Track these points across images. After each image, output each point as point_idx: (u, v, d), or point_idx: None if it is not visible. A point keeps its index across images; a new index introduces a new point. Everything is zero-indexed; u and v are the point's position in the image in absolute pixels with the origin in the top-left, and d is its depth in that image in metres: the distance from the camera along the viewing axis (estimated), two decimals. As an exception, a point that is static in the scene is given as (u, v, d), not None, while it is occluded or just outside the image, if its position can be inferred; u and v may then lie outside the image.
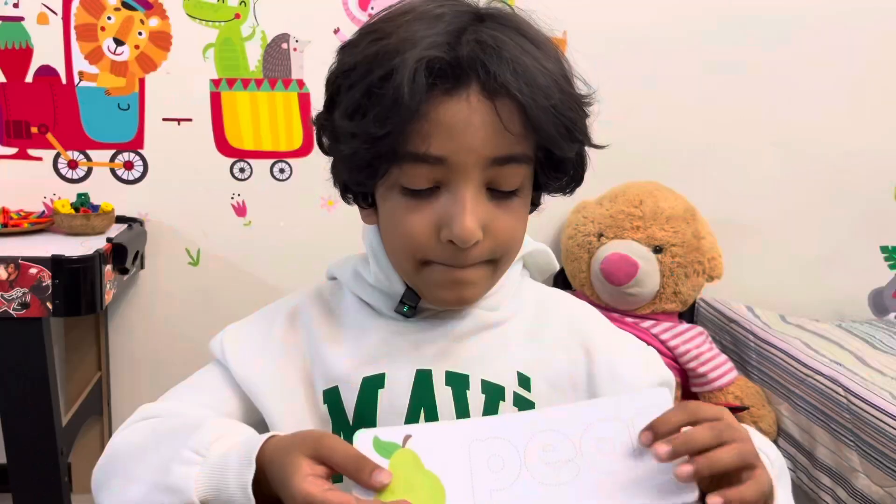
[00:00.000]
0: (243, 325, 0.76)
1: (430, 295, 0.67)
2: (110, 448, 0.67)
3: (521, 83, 0.58)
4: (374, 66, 0.59)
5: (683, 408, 0.55)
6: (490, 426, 0.57)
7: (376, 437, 0.56)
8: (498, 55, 0.58)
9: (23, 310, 1.39)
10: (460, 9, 0.62)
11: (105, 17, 1.75)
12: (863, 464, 1.27)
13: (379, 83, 0.58)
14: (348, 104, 0.60)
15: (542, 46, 0.62)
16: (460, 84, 0.58)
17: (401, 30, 0.59)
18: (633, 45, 1.84)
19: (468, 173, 0.60)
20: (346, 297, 0.74)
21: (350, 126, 0.60)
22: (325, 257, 2.11)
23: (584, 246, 1.70)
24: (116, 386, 1.89)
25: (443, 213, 0.61)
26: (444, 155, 0.59)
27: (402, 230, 0.63)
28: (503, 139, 0.59)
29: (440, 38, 0.58)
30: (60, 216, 1.65)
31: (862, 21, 1.89)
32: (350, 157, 0.62)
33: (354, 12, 1.80)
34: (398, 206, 0.63)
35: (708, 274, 1.71)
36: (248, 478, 0.56)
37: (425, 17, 0.60)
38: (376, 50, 0.59)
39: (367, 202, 0.68)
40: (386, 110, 0.58)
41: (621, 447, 0.55)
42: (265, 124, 1.82)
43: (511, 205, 0.63)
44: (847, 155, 1.94)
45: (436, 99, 0.58)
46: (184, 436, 0.61)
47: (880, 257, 2.01)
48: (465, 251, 0.62)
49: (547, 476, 0.55)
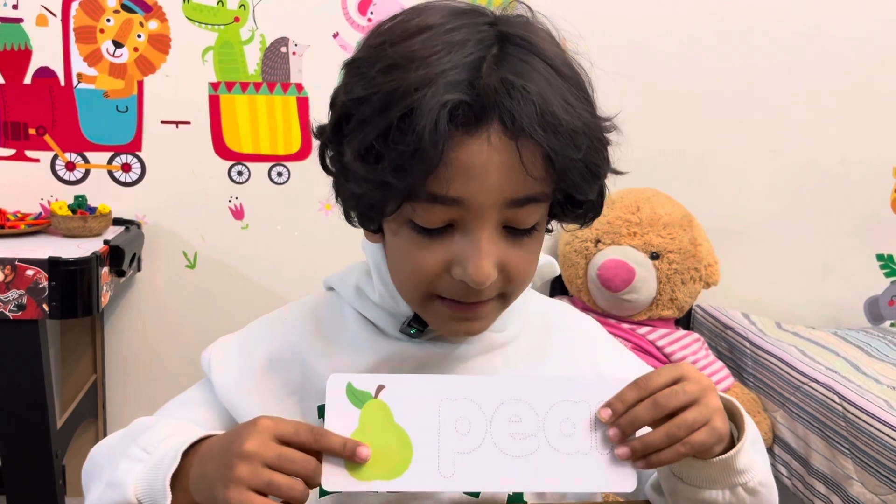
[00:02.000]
0: (233, 342, 0.74)
1: (438, 326, 0.66)
2: (90, 455, 0.69)
3: (548, 130, 0.54)
4: (389, 104, 0.54)
5: (636, 384, 0.57)
6: (463, 386, 0.58)
7: (350, 383, 0.57)
8: (522, 94, 0.54)
9: (19, 311, 1.39)
10: (480, 27, 0.57)
11: (104, 20, 1.75)
12: (858, 471, 1.27)
13: (396, 126, 0.53)
14: (361, 144, 0.55)
15: (567, 75, 0.58)
16: (481, 124, 0.54)
17: (416, 61, 0.54)
18: (631, 51, 1.85)
19: (485, 214, 0.57)
20: (345, 313, 0.72)
21: (363, 170, 0.56)
22: (322, 261, 2.11)
23: (580, 252, 1.70)
24: (112, 388, 1.89)
25: (456, 252, 0.58)
26: (463, 197, 0.56)
27: (412, 265, 0.60)
28: (523, 181, 0.56)
29: (461, 75, 0.54)
30: (57, 218, 1.65)
31: (860, 29, 1.90)
32: (359, 195, 0.58)
33: (354, 17, 1.80)
34: (408, 240, 0.60)
35: (704, 280, 1.72)
36: (170, 471, 0.56)
37: (442, 41, 0.55)
38: (391, 85, 0.54)
39: (371, 228, 0.65)
40: (404, 158, 0.53)
41: (580, 429, 0.57)
42: (264, 128, 1.83)
43: (526, 242, 0.61)
44: (844, 163, 1.95)
45: (455, 140, 0.54)
46: (139, 434, 0.62)
47: (876, 265, 2.02)
48: (476, 289, 0.59)
49: (509, 447, 0.56)
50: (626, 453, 0.56)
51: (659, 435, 0.56)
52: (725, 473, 0.61)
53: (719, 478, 0.61)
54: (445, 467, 0.55)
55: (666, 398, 0.56)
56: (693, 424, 0.56)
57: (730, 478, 0.61)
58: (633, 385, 0.57)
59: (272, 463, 0.52)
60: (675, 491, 0.64)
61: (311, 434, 0.54)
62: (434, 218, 0.57)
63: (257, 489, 0.52)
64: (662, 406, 0.56)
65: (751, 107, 1.91)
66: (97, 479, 0.64)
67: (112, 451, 0.65)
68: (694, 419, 0.56)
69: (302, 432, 0.54)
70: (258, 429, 0.54)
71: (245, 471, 0.52)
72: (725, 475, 0.61)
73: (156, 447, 0.60)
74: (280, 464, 0.52)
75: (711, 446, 0.58)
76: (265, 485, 0.52)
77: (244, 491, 0.51)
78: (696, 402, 0.57)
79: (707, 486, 0.62)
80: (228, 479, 0.52)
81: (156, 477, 0.58)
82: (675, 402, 0.56)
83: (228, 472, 0.52)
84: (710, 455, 0.59)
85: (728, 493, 0.62)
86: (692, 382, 0.57)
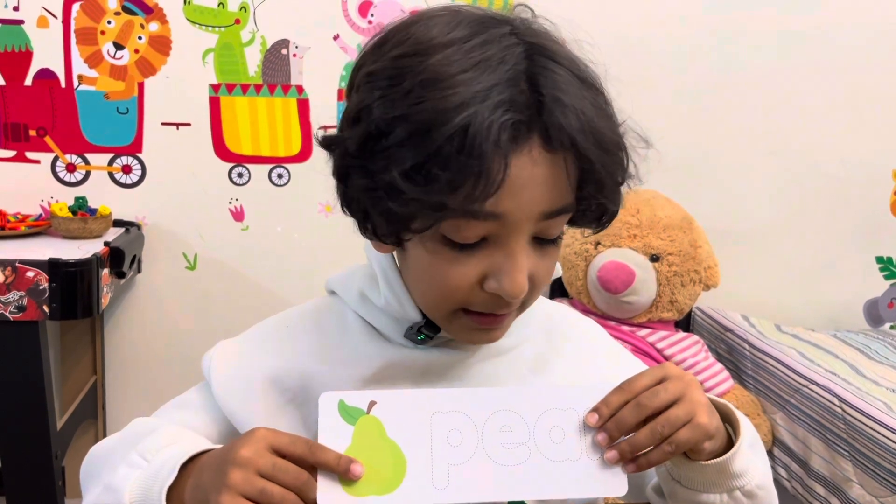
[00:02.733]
0: (234, 348, 0.73)
1: (460, 337, 0.65)
2: (88, 455, 0.69)
3: (594, 142, 0.55)
4: (433, 124, 0.52)
5: (620, 388, 0.58)
6: (453, 399, 0.58)
7: (342, 400, 0.57)
8: (563, 108, 0.54)
9: (19, 313, 1.39)
10: (504, 39, 0.56)
11: (105, 22, 1.75)
12: (857, 474, 1.27)
13: (447, 147, 0.52)
14: (407, 164, 0.53)
15: (589, 82, 0.58)
16: (522, 139, 0.54)
17: (449, 78, 0.53)
18: (630, 54, 1.85)
19: (522, 228, 0.57)
20: (348, 319, 0.71)
21: (413, 190, 0.53)
22: (322, 263, 2.11)
23: (580, 254, 1.71)
24: (112, 390, 1.89)
25: (490, 266, 0.58)
26: (503, 212, 0.55)
27: (442, 280, 0.59)
28: (560, 193, 0.56)
29: (504, 93, 0.53)
30: (58, 219, 1.65)
31: (859, 32, 1.90)
32: (405, 215, 0.56)
33: (354, 19, 1.81)
34: (439, 255, 0.58)
35: (704, 283, 1.72)
36: (167, 483, 0.56)
37: (472, 57, 0.54)
38: (430, 105, 0.53)
39: (390, 241, 0.61)
40: (464, 178, 0.52)
41: (570, 436, 0.58)
42: (264, 129, 1.83)
43: (550, 250, 0.61)
44: (843, 165, 1.95)
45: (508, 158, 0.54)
46: (139, 440, 0.62)
47: (875, 268, 2.02)
48: (508, 301, 0.59)
49: (501, 456, 0.57)
50: (615, 456, 0.56)
51: (644, 434, 0.56)
52: (722, 477, 0.61)
53: (716, 481, 0.61)
54: (439, 479, 0.56)
55: (648, 398, 0.57)
56: (676, 421, 0.56)
57: (726, 481, 0.61)
58: (617, 389, 0.58)
59: (266, 472, 0.52)
60: (673, 494, 0.64)
61: (306, 447, 0.54)
62: (471, 233, 0.57)
63: (249, 497, 0.52)
64: (645, 406, 0.56)
65: (750, 109, 1.91)
66: (95, 480, 0.64)
67: (111, 454, 0.65)
68: (677, 416, 0.56)
69: (298, 445, 0.54)
70: (255, 438, 0.54)
71: (238, 477, 0.52)
72: (722, 478, 0.61)
73: (154, 455, 0.60)
74: (273, 473, 0.53)
75: (699, 443, 0.58)
76: (258, 493, 0.52)
77: (236, 497, 0.51)
78: (680, 400, 0.57)
79: (704, 489, 0.62)
80: (221, 485, 0.52)
81: (152, 487, 0.58)
82: (657, 402, 0.57)
83: (222, 477, 0.52)
84: (701, 454, 0.59)
85: (725, 497, 0.62)
86: (674, 380, 0.58)
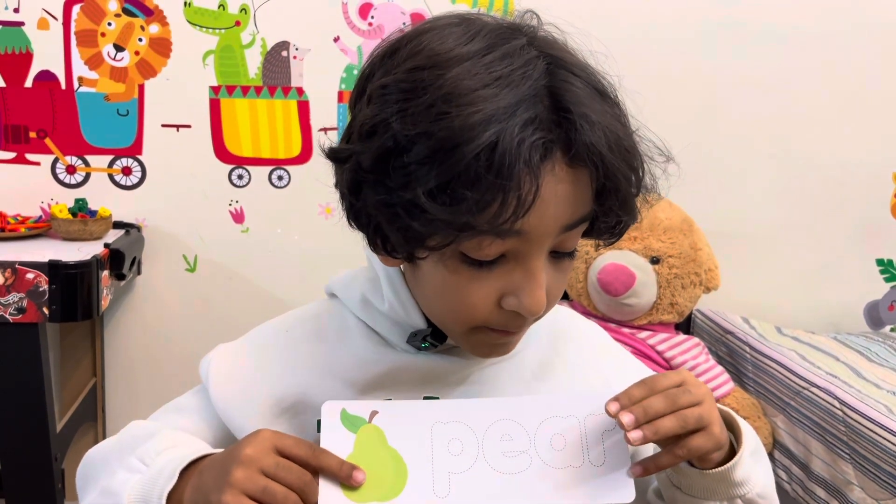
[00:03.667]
0: (232, 352, 0.73)
1: (476, 352, 0.65)
2: (84, 458, 0.69)
3: (622, 157, 0.55)
4: (457, 143, 0.51)
5: (643, 382, 0.58)
6: (453, 409, 0.59)
7: (344, 409, 0.58)
8: (588, 123, 0.53)
9: (19, 315, 1.39)
10: (520, 51, 0.55)
11: (105, 23, 1.75)
12: (858, 476, 1.27)
13: (474, 167, 0.50)
14: (429, 182, 0.51)
15: (603, 92, 0.58)
16: (548, 156, 0.53)
17: (470, 94, 0.52)
18: (629, 55, 1.85)
19: (543, 244, 0.56)
20: (349, 323, 0.70)
21: (437, 210, 0.52)
22: (322, 265, 2.10)
23: (580, 256, 1.70)
24: (111, 392, 1.89)
25: (508, 282, 0.57)
26: (527, 230, 0.54)
27: (461, 300, 0.58)
28: (579, 207, 0.56)
29: (529, 111, 0.52)
30: (58, 221, 1.65)
31: (860, 33, 1.90)
32: (411, 228, 0.54)
33: (355, 21, 1.81)
34: (456, 273, 0.57)
35: (705, 285, 1.72)
36: (167, 488, 0.56)
37: (491, 73, 0.53)
38: (451, 122, 0.51)
39: (400, 256, 0.59)
40: (494, 198, 0.51)
41: (571, 444, 0.58)
42: (264, 131, 1.83)
43: (566, 264, 0.60)
44: (843, 167, 1.95)
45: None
46: (138, 444, 0.62)
47: (876, 270, 2.02)
48: (525, 318, 0.59)
49: (502, 465, 0.57)
50: (640, 436, 0.55)
51: (670, 419, 0.56)
52: (723, 485, 0.61)
53: (717, 489, 0.61)
54: (440, 488, 0.56)
55: (675, 395, 0.57)
56: (700, 420, 0.57)
57: (727, 489, 0.61)
58: (639, 384, 0.58)
59: (269, 471, 0.53)
60: (673, 500, 0.64)
61: (310, 450, 0.55)
62: (492, 251, 0.55)
63: (252, 495, 0.52)
64: (674, 400, 0.57)
65: (750, 111, 1.91)
66: (92, 484, 0.64)
67: (108, 458, 0.64)
68: (700, 415, 0.57)
69: (301, 447, 0.55)
70: (259, 438, 0.54)
71: (242, 475, 0.52)
72: (723, 487, 0.61)
73: (154, 459, 0.60)
74: (276, 472, 0.53)
75: (709, 452, 0.58)
76: (260, 491, 0.52)
77: (239, 495, 0.52)
78: (701, 405, 0.58)
79: (704, 496, 0.62)
80: (224, 483, 0.52)
81: (151, 491, 0.57)
82: (684, 400, 0.57)
83: (225, 476, 0.52)
84: (707, 462, 0.60)
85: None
86: (696, 387, 0.59)
